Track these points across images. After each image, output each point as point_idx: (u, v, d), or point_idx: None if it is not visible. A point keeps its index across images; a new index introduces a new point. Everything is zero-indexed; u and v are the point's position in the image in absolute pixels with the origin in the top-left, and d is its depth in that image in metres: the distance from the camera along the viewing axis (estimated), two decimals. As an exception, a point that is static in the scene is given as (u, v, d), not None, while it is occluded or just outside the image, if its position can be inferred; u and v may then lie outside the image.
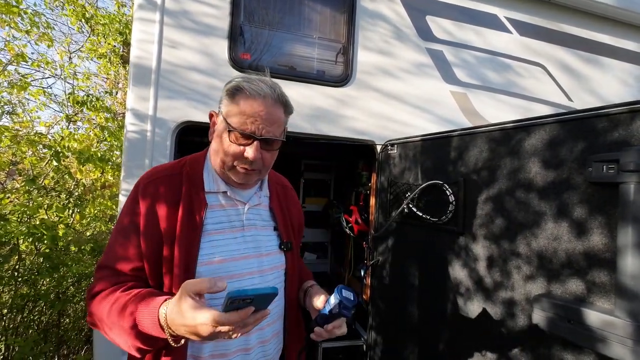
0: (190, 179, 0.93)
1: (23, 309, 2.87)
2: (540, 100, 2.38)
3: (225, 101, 0.89)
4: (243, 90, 0.86)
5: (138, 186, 0.91)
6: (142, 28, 1.75)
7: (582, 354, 0.96)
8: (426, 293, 1.58)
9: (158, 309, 0.72)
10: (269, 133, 0.87)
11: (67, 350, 3.36)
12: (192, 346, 0.86)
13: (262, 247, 0.98)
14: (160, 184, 0.91)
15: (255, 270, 0.94)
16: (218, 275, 0.85)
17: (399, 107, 2.12)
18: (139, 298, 0.77)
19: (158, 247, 0.85)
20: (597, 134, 0.98)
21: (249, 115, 0.85)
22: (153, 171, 0.95)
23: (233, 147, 0.87)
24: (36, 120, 4.20)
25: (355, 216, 2.44)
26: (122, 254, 0.85)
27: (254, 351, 0.93)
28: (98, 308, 0.81)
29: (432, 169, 1.59)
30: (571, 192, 1.03)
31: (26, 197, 3.19)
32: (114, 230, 0.90)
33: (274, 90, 0.89)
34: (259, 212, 1.02)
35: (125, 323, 0.74)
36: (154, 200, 0.88)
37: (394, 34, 2.13)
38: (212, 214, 0.92)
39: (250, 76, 0.91)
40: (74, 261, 3.21)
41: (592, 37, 2.49)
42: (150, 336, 0.74)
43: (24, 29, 3.55)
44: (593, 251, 0.96)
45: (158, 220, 0.87)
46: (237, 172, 0.91)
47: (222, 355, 0.89)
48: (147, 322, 0.73)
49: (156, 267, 0.86)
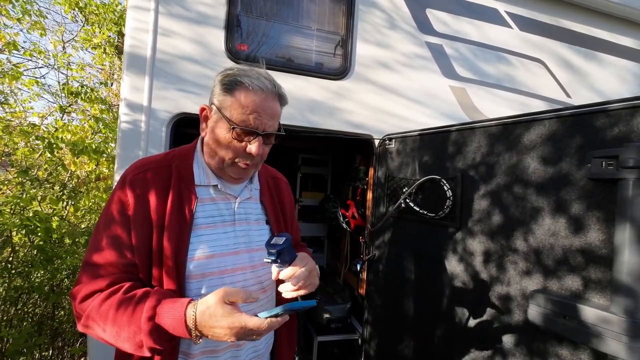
0: (180, 171, 0.91)
1: (17, 301, 2.85)
2: (538, 96, 2.37)
3: (220, 95, 0.86)
4: (243, 84, 0.84)
5: (125, 177, 0.87)
6: (136, 16, 1.71)
7: (577, 350, 0.96)
8: (422, 288, 1.58)
9: (184, 311, 0.72)
10: (270, 128, 0.87)
11: (62, 342, 3.35)
12: (183, 343, 0.85)
13: (253, 242, 0.97)
14: (149, 175, 0.88)
15: (247, 265, 0.93)
16: (208, 270, 0.86)
17: (397, 101, 2.10)
18: (154, 300, 0.75)
19: (148, 238, 0.83)
20: (597, 130, 0.98)
21: (252, 111, 0.83)
22: (140, 163, 0.92)
23: (235, 144, 0.85)
24: (29, 110, 4.14)
25: (352, 211, 2.43)
26: (112, 249, 0.82)
27: (245, 347, 0.93)
28: (97, 311, 0.76)
29: (430, 164, 1.58)
30: (569, 188, 1.02)
31: (19, 189, 3.15)
32: (99, 225, 0.85)
33: (272, 84, 0.87)
34: (250, 206, 1.00)
35: (144, 325, 0.72)
36: (143, 192, 0.85)
37: (393, 27, 2.10)
38: (202, 207, 0.90)
39: (244, 68, 0.89)
40: (68, 254, 3.19)
41: (592, 33, 2.48)
42: (170, 337, 0.74)
43: (15, 17, 3.47)
44: (590, 247, 0.96)
45: (147, 211, 0.84)
46: (238, 168, 0.90)
47: (212, 351, 0.88)
48: (169, 323, 0.72)
49: (145, 259, 0.83)
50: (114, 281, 0.80)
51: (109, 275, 0.80)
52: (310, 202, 3.43)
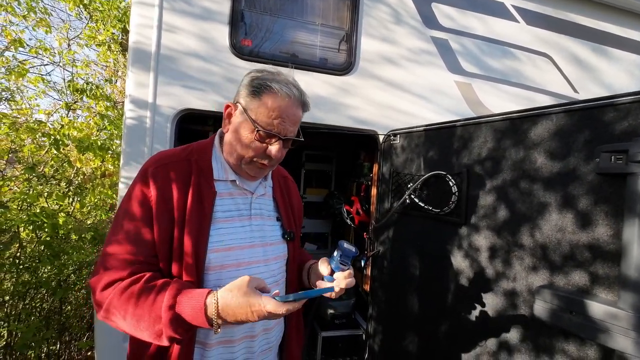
0: (199, 166, 0.93)
1: (25, 296, 2.89)
2: (545, 92, 2.34)
3: (247, 96, 0.89)
4: (272, 89, 0.87)
5: (146, 170, 0.89)
6: (141, 12, 1.71)
7: (584, 346, 0.96)
8: (426, 284, 1.58)
9: (204, 301, 0.74)
10: (291, 133, 0.91)
11: (69, 336, 3.39)
12: (200, 333, 0.87)
13: (267, 237, 0.99)
14: (170, 169, 0.90)
15: (261, 259, 0.96)
16: (226, 262, 0.89)
17: (402, 97, 2.09)
18: (174, 290, 0.77)
19: (169, 233, 0.85)
20: (605, 124, 0.96)
21: (277, 116, 0.87)
22: (160, 156, 0.94)
23: (256, 144, 0.88)
24: (35, 108, 4.17)
25: (356, 207, 2.43)
26: (133, 241, 0.83)
27: (259, 338, 0.95)
28: (118, 299, 0.77)
29: (435, 159, 1.58)
30: (577, 183, 1.01)
31: (26, 185, 3.18)
32: (119, 216, 0.87)
33: (299, 92, 0.91)
34: (264, 202, 1.04)
35: (164, 314, 0.74)
36: (164, 185, 0.87)
37: (398, 22, 2.09)
38: (221, 202, 0.93)
39: (273, 71, 0.92)
40: (74, 249, 3.22)
41: (600, 27, 2.44)
42: (189, 326, 0.76)
43: (20, 14, 3.49)
44: (598, 243, 0.95)
45: (169, 206, 0.86)
46: (255, 166, 0.93)
47: (228, 341, 0.90)
48: (189, 313, 0.74)
49: (166, 252, 0.85)
50: (134, 271, 0.81)
51: (129, 265, 0.82)
52: (314, 198, 3.43)
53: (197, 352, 0.87)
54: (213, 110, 1.79)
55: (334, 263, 0.93)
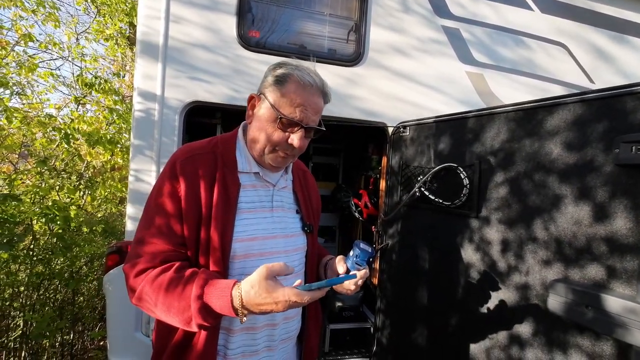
0: (224, 158, 0.96)
1: (39, 286, 2.95)
2: (559, 82, 2.28)
3: (271, 86, 0.91)
4: (295, 77, 0.89)
5: (175, 163, 0.91)
6: (148, 3, 1.70)
7: (599, 341, 0.94)
8: (435, 277, 1.57)
9: (230, 292, 0.76)
10: (313, 122, 0.92)
11: (82, 327, 3.46)
12: (225, 320, 0.90)
13: (288, 228, 1.02)
14: (197, 162, 0.92)
15: (282, 250, 0.98)
16: (250, 252, 0.92)
17: (412, 88, 2.05)
18: (202, 280, 0.79)
19: (197, 227, 0.88)
20: (625, 113, 0.93)
21: (299, 104, 0.88)
22: (188, 148, 0.97)
23: (278, 133, 0.90)
24: (46, 102, 4.21)
25: (364, 200, 2.41)
26: (164, 231, 0.87)
27: (280, 327, 0.98)
28: (150, 286, 0.81)
29: (446, 151, 1.55)
30: (595, 174, 0.98)
31: (38, 178, 3.23)
32: (150, 207, 0.91)
33: (321, 81, 0.93)
34: (285, 195, 1.06)
35: (193, 303, 0.76)
36: (193, 179, 0.90)
37: (408, 11, 2.04)
38: (244, 193, 0.95)
39: (295, 62, 0.94)
40: (86, 242, 3.27)
41: (619, 14, 2.36)
42: (216, 315, 0.78)
43: (30, 9, 3.51)
44: (616, 236, 0.92)
45: (197, 200, 0.89)
46: (277, 156, 0.94)
47: (251, 328, 0.93)
48: (217, 303, 0.76)
49: (194, 244, 0.89)
50: (165, 259, 0.85)
51: (160, 253, 0.86)
52: (322, 191, 3.39)
53: (222, 337, 0.91)
54: (221, 102, 1.78)
55: (350, 262, 0.96)
